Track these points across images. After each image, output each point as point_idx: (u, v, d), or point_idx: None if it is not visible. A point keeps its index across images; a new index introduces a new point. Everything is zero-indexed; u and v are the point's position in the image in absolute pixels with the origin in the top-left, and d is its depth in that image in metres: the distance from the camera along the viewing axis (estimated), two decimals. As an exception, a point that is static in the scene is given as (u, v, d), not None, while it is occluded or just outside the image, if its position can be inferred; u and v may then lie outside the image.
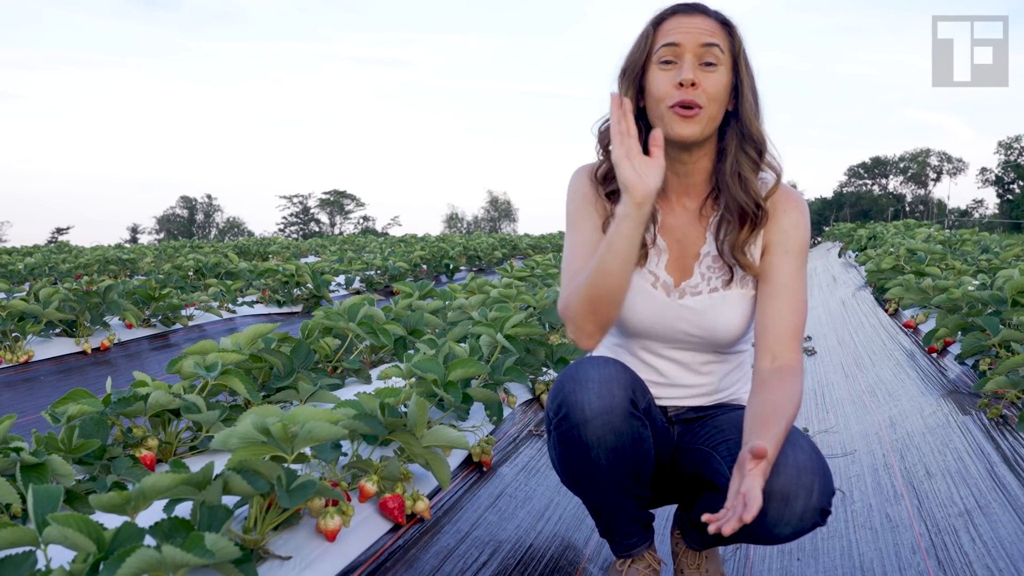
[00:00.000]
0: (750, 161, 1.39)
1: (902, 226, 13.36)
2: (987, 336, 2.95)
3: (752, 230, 1.41)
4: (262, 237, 34.50)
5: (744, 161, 1.39)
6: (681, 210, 1.47)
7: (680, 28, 1.34)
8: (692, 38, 1.33)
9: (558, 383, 1.37)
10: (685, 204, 1.47)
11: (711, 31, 1.34)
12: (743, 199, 1.39)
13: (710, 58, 1.33)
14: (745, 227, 1.40)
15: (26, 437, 1.48)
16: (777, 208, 1.42)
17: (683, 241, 1.46)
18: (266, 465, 1.20)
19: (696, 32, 1.33)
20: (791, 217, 1.41)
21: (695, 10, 1.36)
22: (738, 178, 1.39)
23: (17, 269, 8.75)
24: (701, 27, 1.34)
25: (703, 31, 1.34)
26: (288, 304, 6.16)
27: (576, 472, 1.39)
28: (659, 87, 1.34)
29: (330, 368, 2.76)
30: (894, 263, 6.26)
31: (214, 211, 74.39)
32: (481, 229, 72.39)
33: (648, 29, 1.38)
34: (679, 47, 1.33)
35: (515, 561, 1.70)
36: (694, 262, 1.46)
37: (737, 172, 1.39)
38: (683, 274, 1.46)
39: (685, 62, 1.32)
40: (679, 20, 1.35)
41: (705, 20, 1.35)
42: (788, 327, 1.38)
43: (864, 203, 64.96)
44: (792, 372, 1.35)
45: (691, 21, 1.35)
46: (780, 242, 1.41)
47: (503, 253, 13.96)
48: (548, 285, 4.87)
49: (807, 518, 1.23)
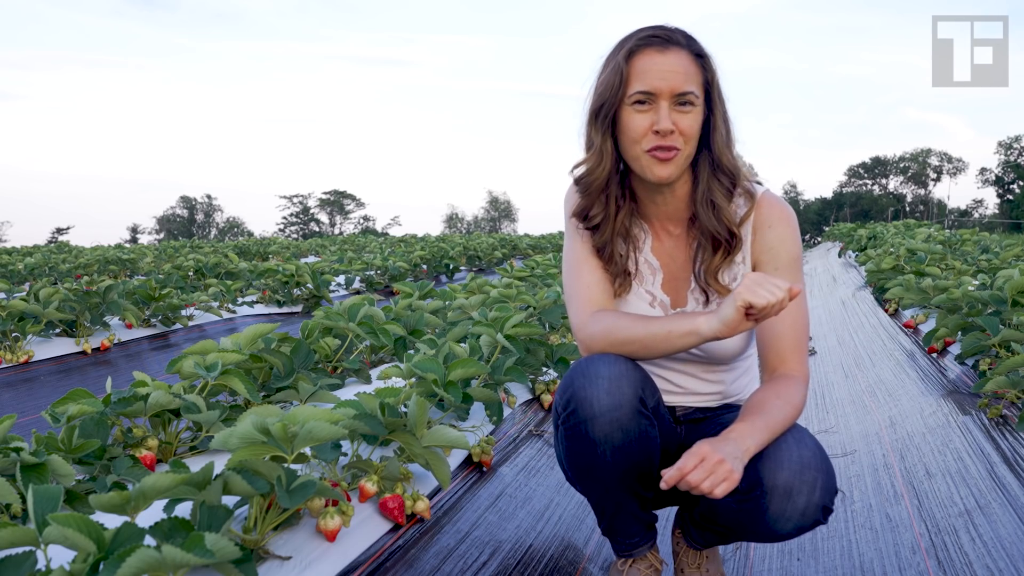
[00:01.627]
0: (722, 188, 1.39)
1: (902, 226, 13.37)
2: (987, 336, 2.95)
3: (725, 256, 1.41)
4: (262, 237, 34.51)
5: (716, 188, 1.39)
6: (666, 235, 1.49)
7: (654, 71, 1.30)
8: (668, 86, 1.30)
9: (567, 378, 1.37)
10: (669, 229, 1.48)
11: (685, 75, 1.31)
12: (714, 226, 1.39)
13: (686, 100, 1.31)
14: (718, 253, 1.41)
15: (26, 437, 1.48)
16: (762, 224, 1.41)
17: (671, 265, 1.48)
18: (266, 465, 1.20)
19: (671, 77, 1.30)
20: (776, 232, 1.41)
21: (669, 43, 1.32)
22: (710, 205, 1.39)
23: (17, 269, 8.75)
24: (675, 70, 1.30)
25: (678, 76, 1.30)
26: (288, 304, 6.16)
27: (581, 468, 1.39)
28: (634, 129, 1.33)
29: (330, 368, 2.76)
30: (894, 263, 6.26)
31: (214, 211, 74.42)
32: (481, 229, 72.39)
33: (618, 64, 1.33)
34: (654, 95, 1.31)
35: (515, 561, 1.70)
36: (686, 289, 1.48)
37: (709, 199, 1.39)
38: (677, 297, 1.48)
39: (661, 108, 1.31)
40: (653, 59, 1.31)
41: (679, 57, 1.31)
42: (788, 343, 1.38)
43: (864, 203, 64.95)
44: (789, 379, 1.35)
45: (665, 61, 1.31)
46: (769, 260, 1.41)
47: (503, 253, 13.96)
48: (548, 285, 4.87)
49: (809, 514, 1.24)
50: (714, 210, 1.39)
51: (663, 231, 1.48)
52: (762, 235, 1.41)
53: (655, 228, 1.48)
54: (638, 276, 1.48)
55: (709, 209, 1.39)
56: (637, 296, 1.47)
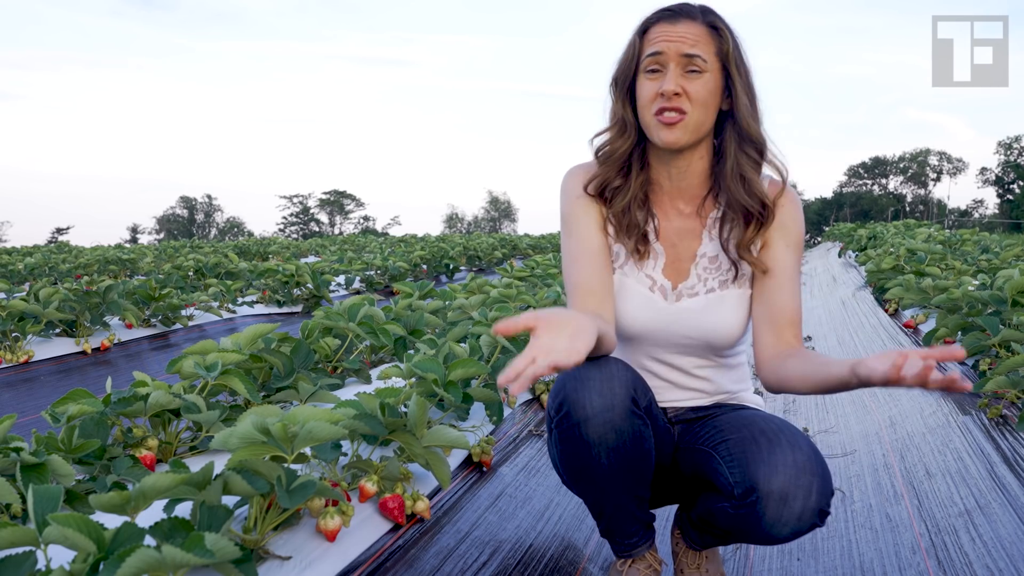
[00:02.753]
0: (751, 161, 1.41)
1: (902, 226, 13.36)
2: (987, 336, 2.95)
3: (758, 229, 1.43)
4: (262, 237, 34.52)
5: (745, 162, 1.40)
6: (675, 213, 1.48)
7: (663, 37, 1.35)
8: (674, 47, 1.34)
9: (559, 381, 1.37)
10: (680, 207, 1.48)
11: (694, 39, 1.34)
12: (747, 201, 1.40)
13: (694, 66, 1.34)
14: (751, 226, 1.42)
15: (26, 437, 1.48)
16: (775, 203, 1.43)
17: (678, 245, 1.48)
18: (266, 465, 1.20)
19: (679, 41, 1.34)
20: (788, 211, 1.44)
21: (679, 15, 1.36)
22: (740, 179, 1.40)
23: (17, 269, 8.75)
24: (684, 35, 1.34)
25: (685, 40, 1.34)
26: (288, 304, 6.16)
27: (577, 471, 1.39)
28: (644, 95, 1.37)
29: (330, 368, 2.76)
30: (894, 263, 6.26)
31: (214, 211, 74.42)
32: (481, 229, 72.40)
33: (634, 39, 1.40)
34: (662, 55, 1.34)
35: (515, 561, 1.70)
36: (690, 264, 1.47)
37: (739, 174, 1.40)
38: (679, 276, 1.47)
39: (669, 70, 1.34)
40: (663, 28, 1.36)
41: (689, 25, 1.35)
42: (794, 315, 1.43)
43: (864, 203, 64.96)
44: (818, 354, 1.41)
45: (675, 29, 1.35)
46: (781, 236, 1.44)
47: (503, 253, 13.95)
48: (548, 285, 4.87)
49: (805, 519, 1.24)
50: (744, 184, 1.40)
51: (673, 210, 1.48)
52: (777, 213, 1.44)
53: (664, 207, 1.48)
54: (639, 261, 1.48)
55: (739, 183, 1.40)
56: (637, 281, 1.47)
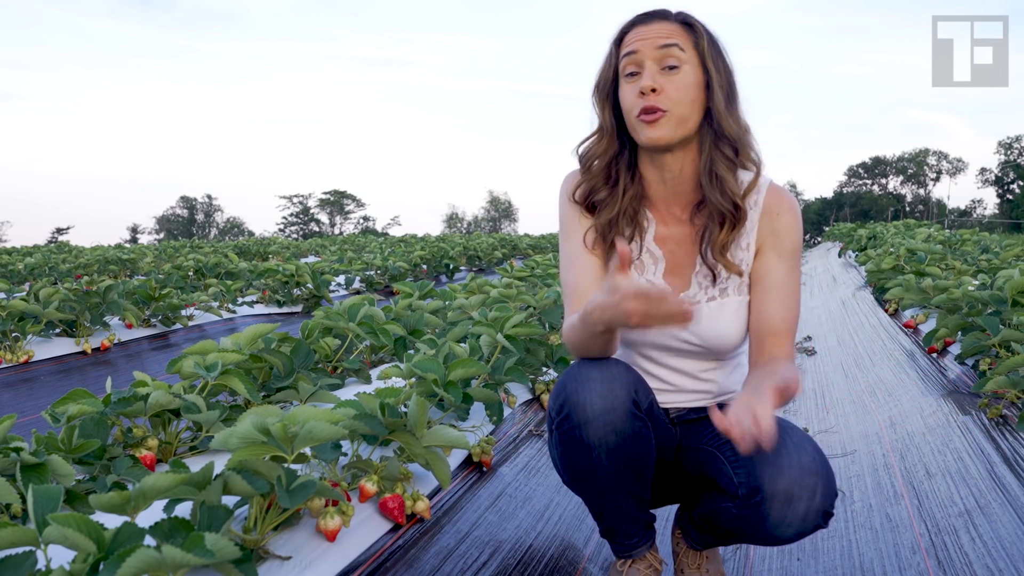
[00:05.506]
0: (724, 159, 1.38)
1: (902, 226, 13.37)
2: (987, 336, 2.95)
3: (732, 230, 1.40)
4: (262, 237, 34.50)
5: (718, 159, 1.38)
6: (672, 219, 1.47)
7: (638, 37, 1.36)
8: (648, 43, 1.34)
9: (560, 383, 1.37)
10: (675, 213, 1.47)
11: (668, 33, 1.35)
12: (717, 199, 1.38)
13: (671, 60, 1.33)
14: (724, 227, 1.40)
15: (26, 437, 1.48)
16: (770, 211, 1.41)
17: (677, 252, 1.47)
18: (266, 465, 1.20)
19: (653, 37, 1.35)
20: (784, 220, 1.42)
21: (653, 17, 1.38)
22: (713, 177, 1.38)
23: (17, 269, 8.75)
24: (658, 31, 1.35)
25: (660, 35, 1.35)
26: (288, 304, 6.16)
27: (577, 472, 1.39)
28: (627, 100, 1.37)
29: (330, 368, 2.76)
30: (894, 263, 6.26)
31: (214, 211, 74.42)
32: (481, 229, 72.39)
33: (611, 48, 1.41)
34: (638, 54, 1.35)
35: (515, 561, 1.70)
36: (690, 272, 1.46)
37: (711, 170, 1.38)
38: (682, 284, 1.46)
39: (646, 69, 1.34)
40: (638, 30, 1.37)
41: (663, 25, 1.36)
42: (782, 327, 1.40)
43: (864, 203, 64.96)
44: (785, 360, 1.37)
45: (648, 28, 1.36)
46: (773, 245, 1.42)
47: (503, 253, 13.95)
48: (548, 285, 4.86)
49: (810, 519, 1.24)
50: (717, 181, 1.38)
51: (669, 215, 1.47)
52: (770, 221, 1.41)
53: (661, 213, 1.47)
54: (639, 265, 1.48)
55: (713, 181, 1.38)
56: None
